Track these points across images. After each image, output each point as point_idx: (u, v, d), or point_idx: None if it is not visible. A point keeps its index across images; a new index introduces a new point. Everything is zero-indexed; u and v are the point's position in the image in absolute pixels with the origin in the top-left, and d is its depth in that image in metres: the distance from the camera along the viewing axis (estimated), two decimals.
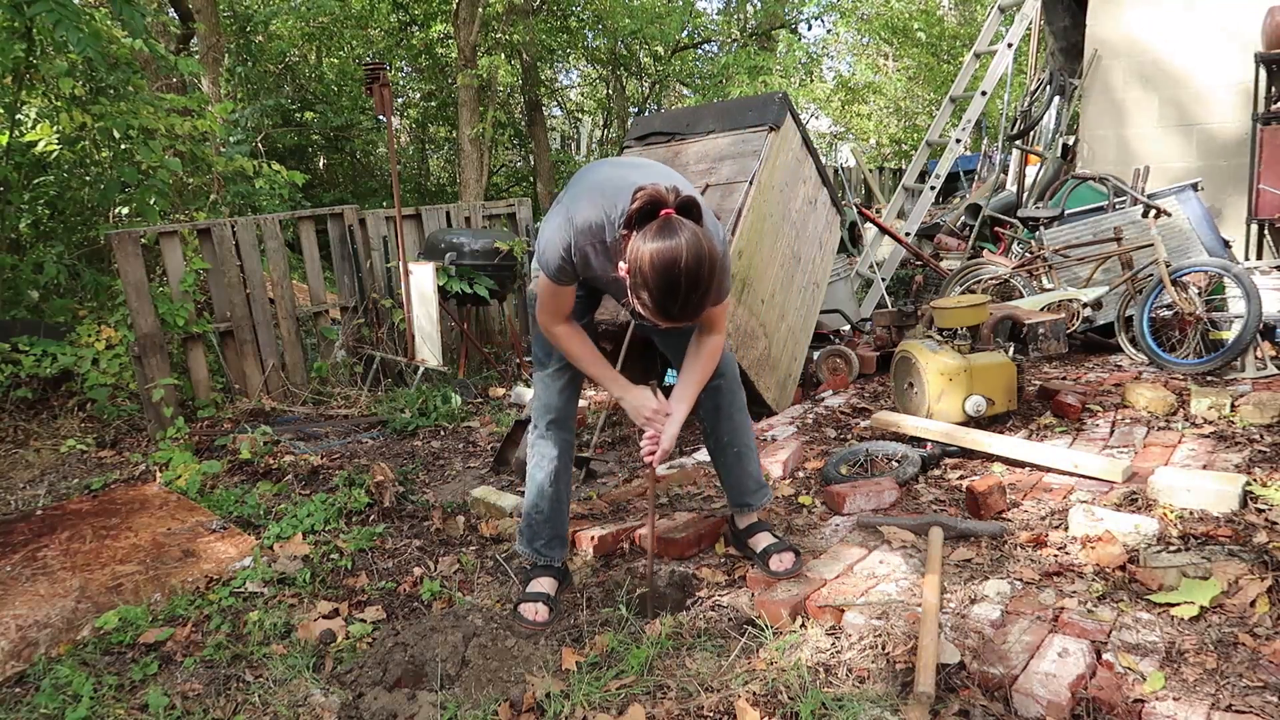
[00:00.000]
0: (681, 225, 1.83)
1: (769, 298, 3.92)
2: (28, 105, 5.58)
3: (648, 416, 2.19)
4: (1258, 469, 2.84)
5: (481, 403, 5.02)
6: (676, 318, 1.88)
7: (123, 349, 4.56)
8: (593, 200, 2.04)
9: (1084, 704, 1.69)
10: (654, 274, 1.80)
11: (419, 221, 5.94)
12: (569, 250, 2.03)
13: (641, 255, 1.81)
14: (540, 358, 2.40)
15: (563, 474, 2.43)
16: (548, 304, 2.15)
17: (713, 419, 2.46)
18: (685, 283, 1.81)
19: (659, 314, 1.87)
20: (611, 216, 2.01)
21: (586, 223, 2.02)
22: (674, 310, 1.86)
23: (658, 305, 1.85)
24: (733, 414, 2.46)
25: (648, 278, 1.81)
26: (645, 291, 1.84)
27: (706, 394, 2.42)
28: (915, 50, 15.15)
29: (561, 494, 2.44)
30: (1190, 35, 6.22)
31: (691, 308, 1.87)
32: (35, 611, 2.38)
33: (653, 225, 1.83)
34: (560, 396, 2.40)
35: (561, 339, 2.20)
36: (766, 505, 2.55)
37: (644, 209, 1.85)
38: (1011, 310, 3.86)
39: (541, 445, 2.42)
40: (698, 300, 1.86)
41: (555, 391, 2.39)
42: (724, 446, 2.47)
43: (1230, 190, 6.12)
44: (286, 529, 2.95)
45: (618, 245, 1.99)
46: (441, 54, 13.25)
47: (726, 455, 2.48)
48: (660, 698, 1.87)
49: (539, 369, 2.41)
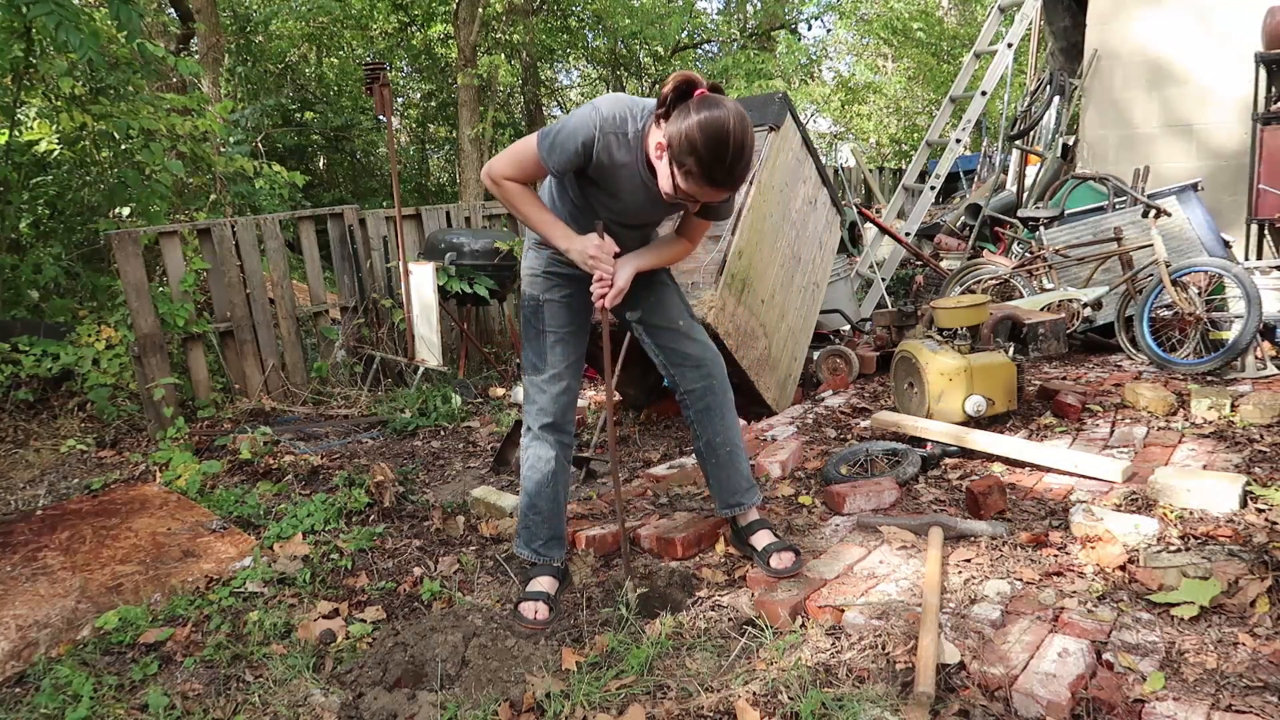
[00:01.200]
0: (722, 99, 1.92)
1: (769, 298, 3.92)
2: (27, 105, 5.58)
3: (592, 255, 2.16)
4: (1258, 469, 2.84)
5: (481, 403, 5.02)
6: (721, 182, 1.94)
7: (123, 349, 4.56)
8: (617, 100, 2.08)
9: (1084, 704, 1.69)
10: (703, 139, 1.87)
11: (419, 221, 5.95)
12: (591, 141, 2.04)
13: (688, 124, 1.88)
14: (534, 363, 2.39)
15: (559, 474, 2.42)
16: (519, 161, 2.14)
17: (703, 419, 2.45)
18: (734, 146, 1.89)
19: (704, 179, 1.93)
20: (634, 112, 2.06)
21: (613, 113, 2.04)
22: (720, 175, 1.93)
23: (705, 170, 1.91)
24: (723, 414, 2.45)
25: (696, 143, 1.88)
26: (692, 158, 1.90)
27: (696, 395, 2.42)
28: (915, 50, 15.15)
29: (558, 495, 2.43)
30: (1190, 35, 6.22)
31: (736, 176, 1.95)
32: (35, 611, 2.38)
33: (694, 100, 1.91)
34: (555, 402, 2.39)
35: (509, 190, 2.18)
36: (757, 504, 2.53)
37: (679, 89, 1.94)
38: (1011, 310, 3.86)
39: (536, 446, 2.41)
40: (742, 170, 1.94)
41: (550, 397, 2.38)
42: (715, 447, 2.46)
43: (1230, 190, 6.12)
44: (286, 529, 2.95)
45: (639, 140, 2.06)
46: (441, 54, 13.26)
47: (718, 455, 2.46)
48: (660, 698, 1.87)
49: (532, 374, 2.40)
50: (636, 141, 2.06)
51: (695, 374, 2.41)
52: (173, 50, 7.93)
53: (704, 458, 2.50)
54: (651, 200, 2.15)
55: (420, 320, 5.12)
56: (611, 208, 2.21)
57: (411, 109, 15.46)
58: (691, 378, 2.40)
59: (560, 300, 2.33)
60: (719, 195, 2.02)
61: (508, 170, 2.16)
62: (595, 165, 2.09)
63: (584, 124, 2.03)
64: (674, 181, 1.98)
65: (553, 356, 2.36)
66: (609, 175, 2.12)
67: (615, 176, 2.12)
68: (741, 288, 3.70)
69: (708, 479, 2.53)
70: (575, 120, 2.05)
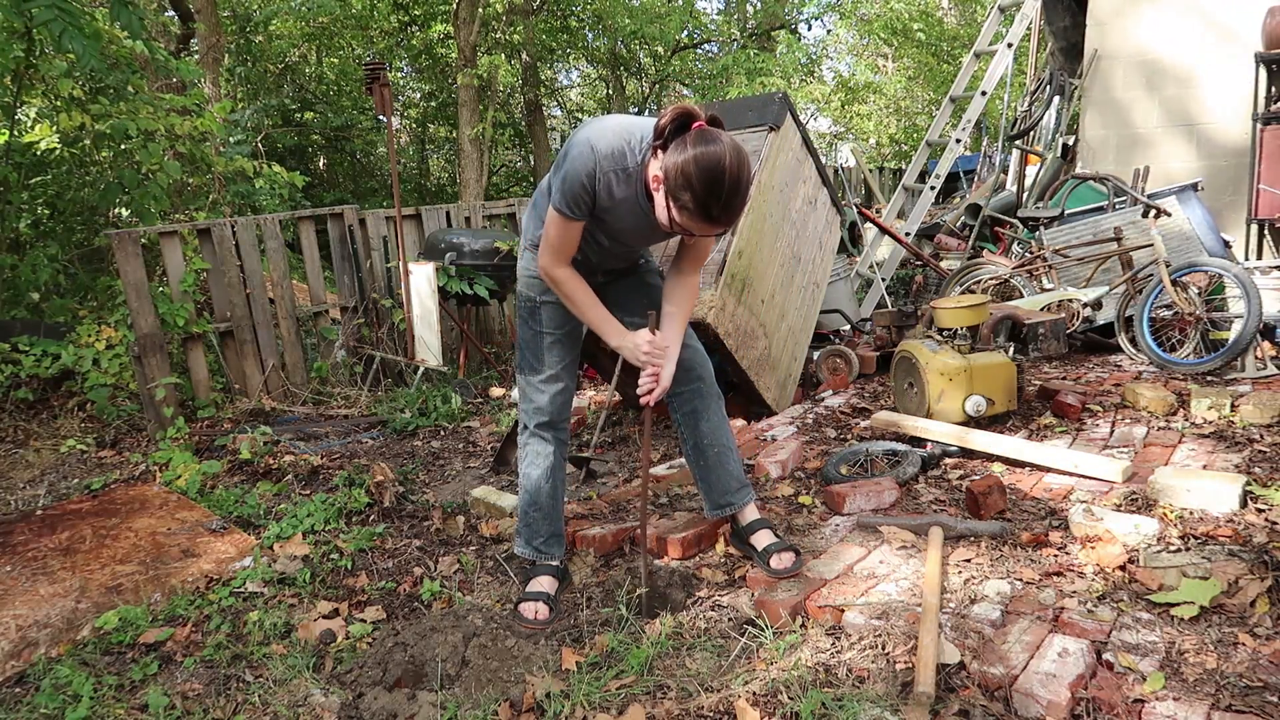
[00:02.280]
0: (719, 134, 1.93)
1: (769, 298, 3.92)
2: (27, 105, 5.58)
3: (646, 352, 2.19)
4: (1258, 469, 2.84)
5: (481, 403, 5.02)
6: (717, 219, 1.95)
7: (123, 349, 4.56)
8: (613, 133, 2.05)
9: (1084, 704, 1.69)
10: (699, 174, 1.88)
11: (419, 221, 5.95)
12: (591, 179, 2.03)
13: (685, 159, 1.89)
14: (531, 364, 2.39)
15: (557, 470, 2.44)
16: (555, 243, 2.14)
17: (690, 421, 2.45)
18: (729, 184, 1.90)
19: (699, 215, 1.94)
20: (632, 144, 2.05)
21: (610, 149, 2.03)
22: (715, 211, 1.93)
23: (700, 206, 1.92)
24: (710, 415, 2.45)
25: (691, 179, 1.89)
26: (688, 193, 1.90)
27: (684, 398, 2.43)
28: (915, 50, 15.14)
29: (557, 491, 2.46)
30: (1190, 35, 6.22)
31: (732, 211, 1.95)
32: (35, 611, 2.38)
33: (691, 134, 1.91)
34: (552, 402, 2.41)
35: (563, 282, 2.18)
36: (750, 503, 2.52)
37: (677, 121, 1.94)
38: (1011, 310, 3.86)
39: (534, 444, 2.44)
40: (737, 205, 1.95)
41: (547, 398, 2.40)
42: (703, 449, 2.46)
43: (1230, 190, 6.12)
44: (286, 529, 2.95)
45: (639, 171, 2.06)
46: (441, 54, 13.26)
47: (707, 456, 2.47)
48: (660, 698, 1.87)
49: (529, 374, 2.41)
50: (636, 172, 2.07)
51: (683, 376, 2.39)
52: (173, 50, 7.94)
53: (692, 459, 2.50)
54: (650, 226, 2.14)
55: (420, 320, 5.12)
56: (608, 233, 2.22)
57: (411, 109, 15.47)
58: (679, 379, 2.38)
59: (557, 301, 2.31)
60: (714, 230, 2.00)
61: (553, 258, 2.16)
62: (604, 201, 2.10)
63: (584, 165, 2.02)
64: (670, 215, 1.98)
65: (549, 357, 2.37)
66: (609, 210, 2.13)
67: (615, 210, 2.13)
68: (741, 288, 3.70)
69: (697, 480, 2.54)
70: (574, 164, 2.03)
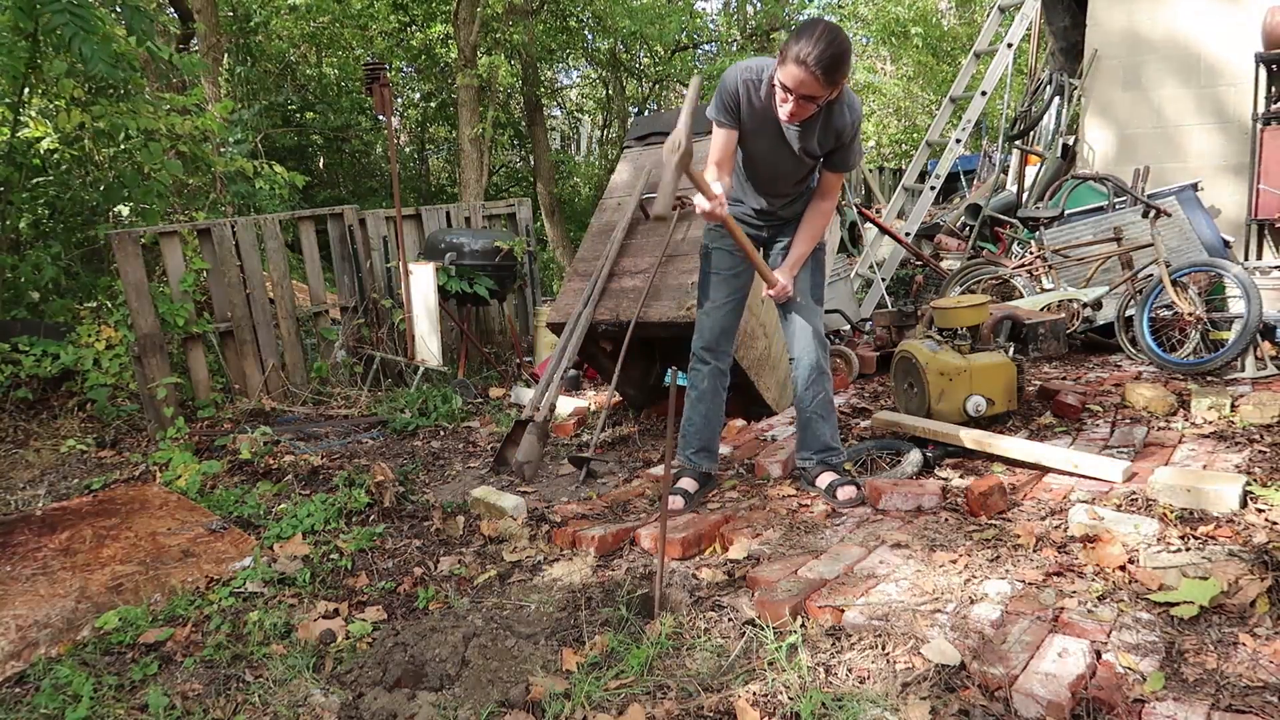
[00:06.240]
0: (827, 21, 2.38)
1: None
2: (28, 105, 5.58)
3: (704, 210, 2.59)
4: (1258, 469, 2.84)
5: (481, 403, 5.01)
6: (803, 59, 2.29)
7: (123, 349, 4.56)
8: (752, 61, 2.62)
9: (1084, 704, 1.69)
10: (797, 28, 2.32)
11: (419, 222, 5.95)
12: (735, 85, 2.57)
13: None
14: (701, 297, 2.96)
15: (709, 394, 2.97)
16: (713, 153, 2.68)
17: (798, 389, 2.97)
18: (820, 30, 2.27)
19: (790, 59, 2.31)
20: (765, 65, 2.57)
21: (747, 65, 2.60)
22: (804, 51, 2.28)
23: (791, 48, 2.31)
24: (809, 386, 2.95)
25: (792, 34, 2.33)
26: (786, 47, 2.33)
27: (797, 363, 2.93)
28: (914, 51, 15.14)
29: (709, 411, 2.98)
30: (1190, 35, 6.22)
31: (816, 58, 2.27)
32: (35, 611, 2.38)
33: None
34: (711, 330, 2.93)
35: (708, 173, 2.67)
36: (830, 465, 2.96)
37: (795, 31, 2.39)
38: (1011, 310, 3.86)
39: (694, 373, 2.97)
40: (828, 59, 2.28)
41: (708, 324, 2.93)
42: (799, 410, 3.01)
43: (1230, 190, 6.12)
44: (286, 529, 2.95)
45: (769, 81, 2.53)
46: (441, 54, 13.26)
47: (799, 417, 3.03)
48: (660, 698, 1.87)
49: (701, 305, 2.96)
50: (767, 81, 2.54)
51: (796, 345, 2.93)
52: (173, 50, 7.93)
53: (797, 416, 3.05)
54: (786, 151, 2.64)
55: (420, 320, 5.12)
56: (758, 161, 2.74)
57: (411, 109, 15.47)
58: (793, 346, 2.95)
59: (725, 248, 2.89)
60: (804, 77, 2.31)
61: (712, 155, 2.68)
62: (745, 112, 2.59)
63: (729, 76, 2.59)
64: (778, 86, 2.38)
65: (716, 293, 2.92)
66: (755, 121, 2.60)
67: (759, 122, 2.60)
68: None
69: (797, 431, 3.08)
70: (723, 78, 2.61)
